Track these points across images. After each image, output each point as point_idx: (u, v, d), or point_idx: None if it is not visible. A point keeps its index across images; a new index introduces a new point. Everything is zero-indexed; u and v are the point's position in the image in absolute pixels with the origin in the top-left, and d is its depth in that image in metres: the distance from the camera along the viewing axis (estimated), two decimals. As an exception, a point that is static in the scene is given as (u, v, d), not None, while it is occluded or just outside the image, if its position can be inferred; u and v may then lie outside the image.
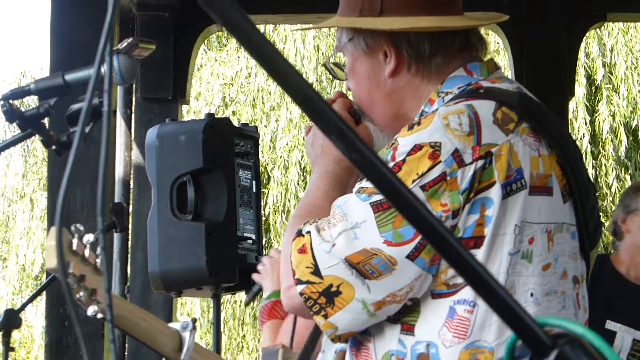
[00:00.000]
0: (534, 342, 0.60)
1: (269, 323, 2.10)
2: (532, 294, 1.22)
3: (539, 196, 1.27)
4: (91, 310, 1.24)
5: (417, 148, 1.20)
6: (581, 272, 1.34)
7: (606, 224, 4.20)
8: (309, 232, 1.23)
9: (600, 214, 4.11)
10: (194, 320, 1.32)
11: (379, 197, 1.18)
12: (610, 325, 3.57)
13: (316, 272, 1.21)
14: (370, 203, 1.19)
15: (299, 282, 1.23)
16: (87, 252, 1.25)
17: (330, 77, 1.97)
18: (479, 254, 1.19)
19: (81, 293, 1.21)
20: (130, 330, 1.39)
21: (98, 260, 1.27)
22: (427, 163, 1.18)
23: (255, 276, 2.20)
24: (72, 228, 1.23)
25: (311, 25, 1.62)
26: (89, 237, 1.26)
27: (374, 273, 1.18)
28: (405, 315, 1.24)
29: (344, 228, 1.20)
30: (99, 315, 1.24)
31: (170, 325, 1.36)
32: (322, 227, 1.22)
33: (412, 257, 1.17)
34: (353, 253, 1.19)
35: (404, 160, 1.20)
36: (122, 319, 1.35)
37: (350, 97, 1.50)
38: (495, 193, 1.20)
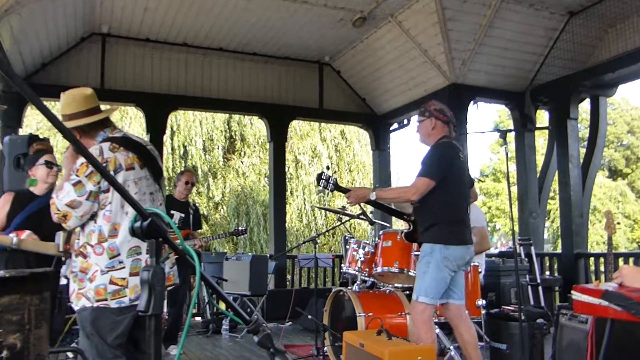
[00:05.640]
0: (141, 213, 1.39)
1: None
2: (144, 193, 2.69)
3: (130, 171, 2.63)
4: None
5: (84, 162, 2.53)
6: (155, 189, 2.75)
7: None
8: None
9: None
10: None
11: (75, 179, 2.54)
12: None
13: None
14: (72, 183, 2.55)
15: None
16: None
17: None
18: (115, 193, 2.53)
19: None
20: None
21: None
22: (85, 166, 2.54)
23: None
24: None
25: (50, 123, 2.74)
26: None
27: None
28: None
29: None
30: None
31: None
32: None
33: (88, 198, 2.53)
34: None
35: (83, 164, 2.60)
36: None
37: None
38: (112, 171, 2.58)
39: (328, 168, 4.18)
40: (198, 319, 7.72)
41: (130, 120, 14.29)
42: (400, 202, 4.17)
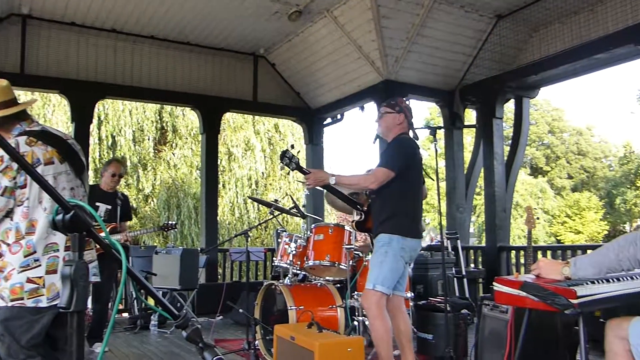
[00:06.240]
0: (63, 206, 1.33)
1: None
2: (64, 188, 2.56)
3: (49, 165, 2.51)
4: None
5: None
6: (76, 184, 2.66)
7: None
8: None
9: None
10: None
11: None
12: None
13: None
14: None
15: None
16: None
17: None
18: (34, 185, 2.40)
19: None
20: None
21: None
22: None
23: None
24: None
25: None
26: None
27: None
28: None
29: None
30: None
31: None
32: None
33: (3, 194, 2.39)
34: None
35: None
36: None
37: None
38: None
39: (292, 147, 4.16)
40: (125, 315, 7.50)
41: (54, 108, 13.62)
42: (358, 189, 4.22)
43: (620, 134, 55.84)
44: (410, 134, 4.04)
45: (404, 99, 4.19)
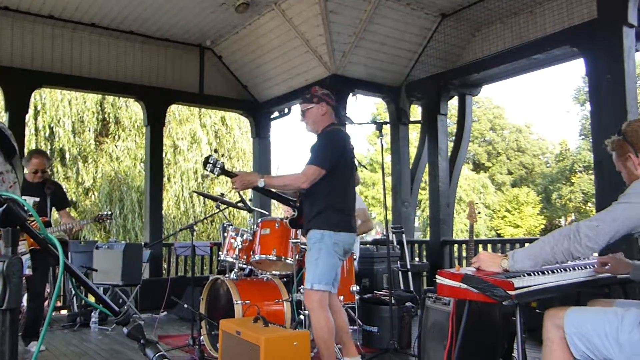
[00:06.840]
0: None
1: None
2: None
3: None
4: None
5: None
6: (5, 169, 2.19)
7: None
8: None
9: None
10: None
11: None
12: None
13: None
14: None
15: None
16: None
17: None
18: None
19: None
20: None
21: None
22: None
23: None
24: None
25: None
26: None
27: None
28: None
29: None
30: None
31: None
32: None
33: None
34: None
35: None
36: None
37: None
38: None
39: (216, 151, 4.07)
40: (64, 312, 7.25)
41: (-14, 96, 12.98)
42: (289, 190, 4.10)
43: (557, 131, 58.32)
44: (341, 120, 3.98)
45: (318, 87, 4.05)
